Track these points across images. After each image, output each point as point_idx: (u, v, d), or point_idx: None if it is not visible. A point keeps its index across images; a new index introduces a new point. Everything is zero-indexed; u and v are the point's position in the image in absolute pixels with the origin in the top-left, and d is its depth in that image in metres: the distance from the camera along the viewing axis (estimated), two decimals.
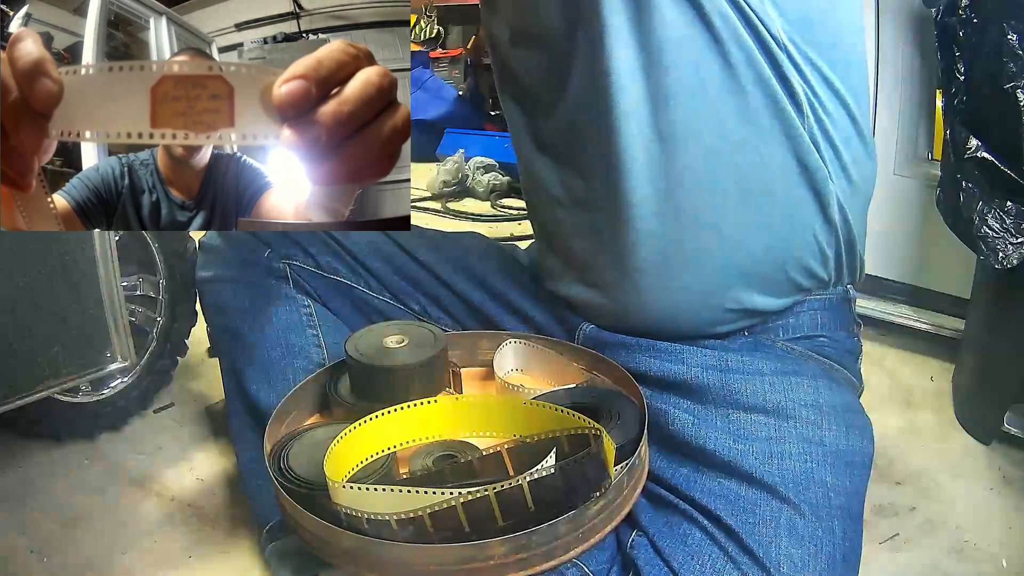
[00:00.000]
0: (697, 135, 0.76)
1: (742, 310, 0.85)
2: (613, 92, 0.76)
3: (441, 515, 0.58)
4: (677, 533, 0.72)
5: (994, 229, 1.05)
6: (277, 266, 1.03)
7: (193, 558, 1.02)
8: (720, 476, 0.75)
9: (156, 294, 1.28)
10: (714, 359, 0.84)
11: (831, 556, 0.71)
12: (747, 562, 0.69)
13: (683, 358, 0.85)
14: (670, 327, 0.86)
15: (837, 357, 0.88)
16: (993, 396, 1.23)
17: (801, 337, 0.87)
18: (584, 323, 0.93)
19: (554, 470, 0.60)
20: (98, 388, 1.23)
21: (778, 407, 0.79)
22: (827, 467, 0.75)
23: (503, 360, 0.89)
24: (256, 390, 0.99)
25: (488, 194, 2.45)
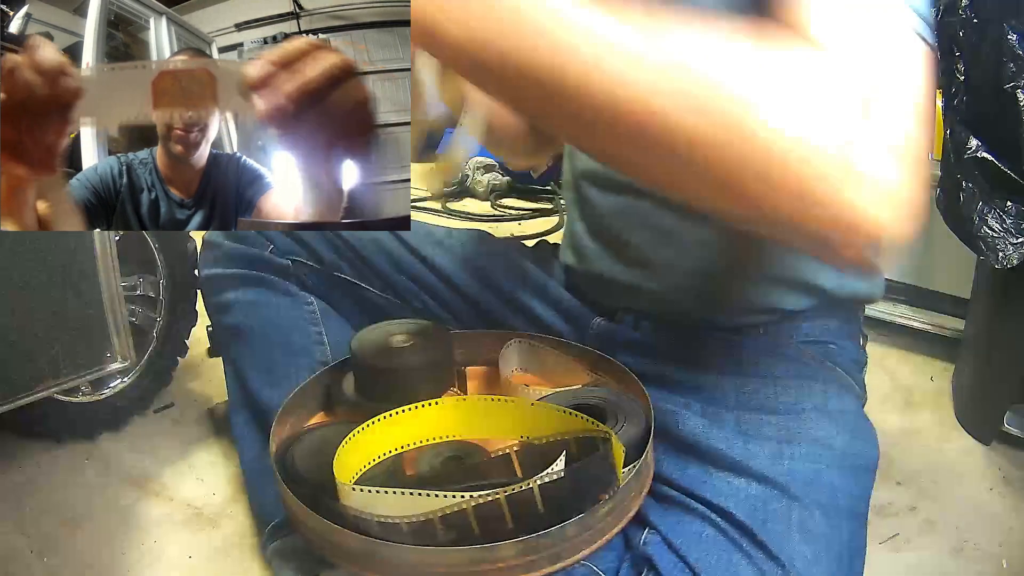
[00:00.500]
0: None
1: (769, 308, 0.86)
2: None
3: (451, 518, 0.58)
4: (690, 531, 0.73)
5: (994, 229, 1.05)
6: (280, 263, 1.02)
7: (193, 558, 1.02)
8: (730, 476, 0.75)
9: (156, 294, 1.28)
10: (728, 362, 0.84)
11: (839, 555, 0.72)
12: (761, 557, 0.69)
13: (696, 360, 0.85)
14: (701, 311, 0.87)
15: (844, 365, 0.89)
16: (993, 396, 1.24)
17: (811, 341, 0.87)
18: (596, 318, 0.93)
19: (564, 473, 0.60)
20: (98, 388, 1.22)
21: (789, 409, 0.80)
22: (835, 469, 0.76)
23: (508, 359, 0.89)
24: (259, 388, 0.98)
25: (488, 194, 2.45)
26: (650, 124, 0.50)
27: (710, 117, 0.49)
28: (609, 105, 0.50)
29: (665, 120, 0.50)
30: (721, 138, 0.50)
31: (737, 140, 0.50)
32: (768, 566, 0.69)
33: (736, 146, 0.50)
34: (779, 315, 0.87)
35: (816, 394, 0.82)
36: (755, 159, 0.50)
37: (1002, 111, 1.04)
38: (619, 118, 0.51)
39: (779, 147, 0.49)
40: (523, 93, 0.53)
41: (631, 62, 0.50)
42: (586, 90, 0.51)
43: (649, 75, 0.50)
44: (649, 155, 0.53)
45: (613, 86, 0.50)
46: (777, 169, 0.50)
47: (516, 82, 0.52)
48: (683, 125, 0.50)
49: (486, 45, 0.51)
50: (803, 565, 0.69)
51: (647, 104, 0.50)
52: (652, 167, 0.55)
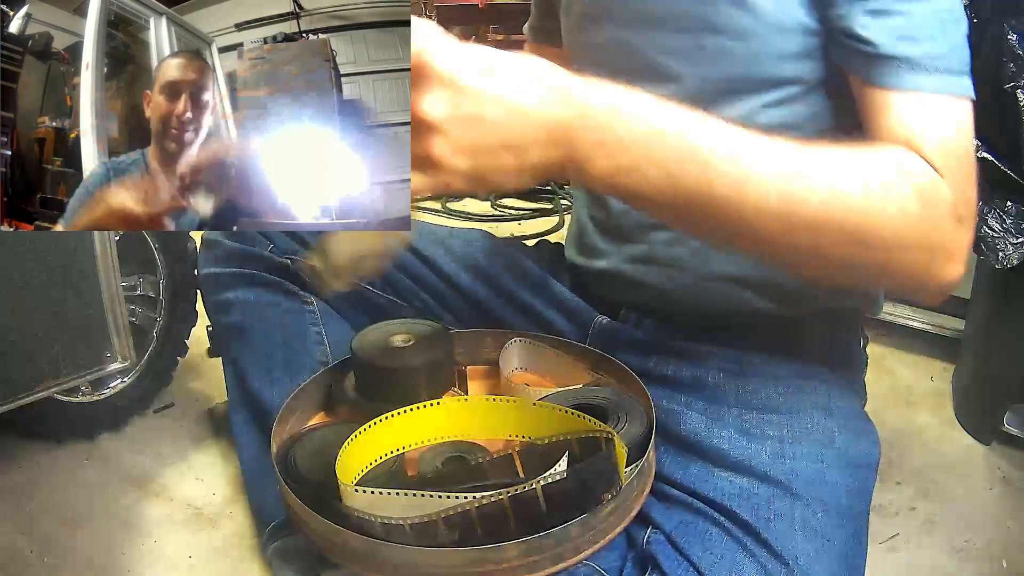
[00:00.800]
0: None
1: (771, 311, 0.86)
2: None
3: (454, 519, 0.58)
4: (694, 530, 0.73)
5: (994, 229, 1.05)
6: (279, 262, 1.02)
7: (193, 558, 1.01)
8: (732, 475, 0.76)
9: (156, 294, 1.28)
10: (730, 361, 0.84)
11: (842, 553, 0.72)
12: (765, 555, 0.70)
13: (698, 359, 0.85)
14: (706, 310, 0.87)
15: (845, 365, 0.89)
16: (993, 396, 1.24)
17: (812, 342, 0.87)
18: (598, 317, 0.93)
19: (567, 474, 0.60)
20: (98, 388, 1.22)
21: (790, 408, 0.80)
22: (836, 468, 0.76)
23: (509, 359, 0.89)
24: (259, 388, 0.98)
25: (488, 194, 2.45)
26: (807, 247, 0.63)
27: (860, 243, 0.63)
28: (767, 231, 0.61)
29: (819, 245, 0.63)
30: (858, 253, 0.63)
31: (868, 251, 0.63)
32: (772, 564, 0.69)
33: (865, 254, 0.64)
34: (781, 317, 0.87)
35: (817, 394, 0.82)
36: (876, 260, 0.65)
37: (1002, 111, 1.04)
38: (776, 243, 0.63)
39: (896, 248, 0.64)
40: (695, 222, 0.64)
41: (795, 199, 0.60)
42: (739, 217, 0.61)
43: (807, 210, 0.61)
44: (795, 257, 0.65)
45: (777, 218, 0.61)
46: (894, 265, 0.65)
47: (684, 212, 0.61)
48: (837, 249, 0.63)
49: (648, 178, 0.58)
50: (807, 563, 0.69)
51: (806, 234, 0.62)
52: (792, 264, 0.68)
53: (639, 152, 0.57)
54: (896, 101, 0.67)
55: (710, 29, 0.75)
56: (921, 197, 0.62)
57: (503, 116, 0.53)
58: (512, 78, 0.54)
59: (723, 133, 0.60)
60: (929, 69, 0.66)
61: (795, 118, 0.77)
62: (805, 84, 0.76)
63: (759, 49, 0.74)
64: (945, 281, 0.67)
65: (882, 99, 0.68)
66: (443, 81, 0.52)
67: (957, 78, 0.67)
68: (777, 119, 0.76)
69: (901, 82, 0.67)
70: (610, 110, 0.56)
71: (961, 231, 0.65)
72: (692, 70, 0.78)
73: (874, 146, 0.65)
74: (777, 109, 0.77)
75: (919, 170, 0.63)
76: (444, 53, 0.52)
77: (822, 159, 0.62)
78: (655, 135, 0.57)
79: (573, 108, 0.55)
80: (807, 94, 0.76)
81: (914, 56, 0.66)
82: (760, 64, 0.75)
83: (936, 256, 0.65)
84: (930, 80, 0.66)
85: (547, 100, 0.54)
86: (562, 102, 0.55)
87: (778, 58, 0.74)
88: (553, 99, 0.55)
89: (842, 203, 0.61)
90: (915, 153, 0.64)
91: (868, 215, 0.61)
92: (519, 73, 0.54)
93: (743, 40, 0.74)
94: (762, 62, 0.75)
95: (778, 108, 0.77)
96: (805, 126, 0.77)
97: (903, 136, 0.66)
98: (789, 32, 0.73)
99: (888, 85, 0.67)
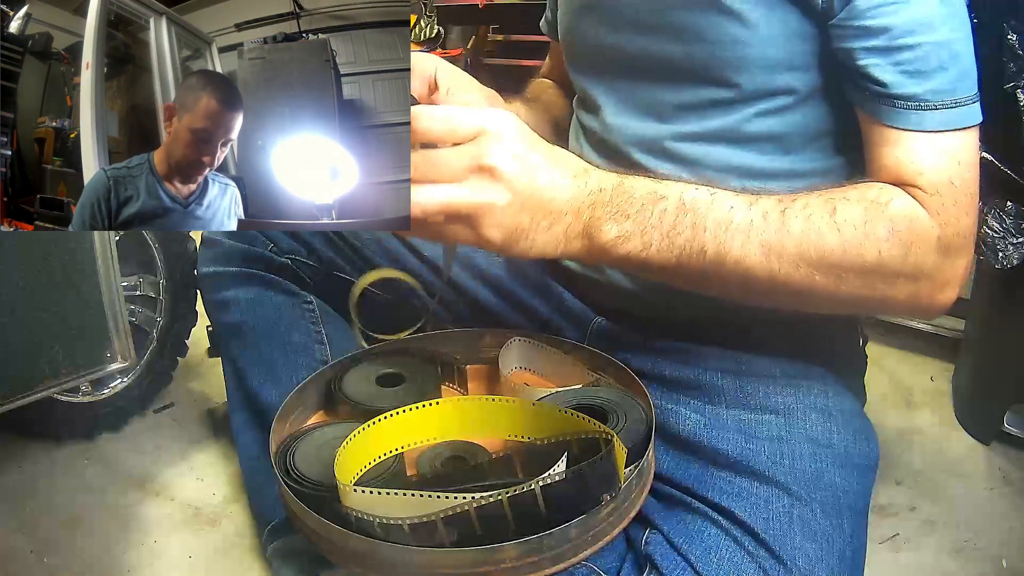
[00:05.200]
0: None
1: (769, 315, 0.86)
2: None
3: (454, 519, 0.58)
4: (692, 530, 0.73)
5: (994, 229, 1.05)
6: (279, 261, 1.02)
7: (193, 558, 1.02)
8: (731, 475, 0.76)
9: (156, 294, 1.28)
10: (729, 361, 0.84)
11: (842, 553, 0.72)
12: (764, 555, 0.70)
13: (697, 359, 0.85)
14: (701, 319, 0.87)
15: (844, 365, 0.89)
16: (993, 396, 1.24)
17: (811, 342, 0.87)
18: (597, 318, 0.93)
19: (566, 474, 0.60)
20: (98, 388, 1.22)
21: (788, 409, 0.80)
22: (836, 468, 0.76)
23: (508, 358, 0.89)
24: (258, 387, 0.98)
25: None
26: (809, 294, 0.68)
27: (842, 281, 0.67)
28: (754, 281, 0.67)
29: (801, 291, 0.68)
30: (842, 289, 0.67)
31: (851, 288, 0.67)
32: (771, 564, 0.69)
33: (849, 291, 0.68)
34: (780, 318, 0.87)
35: (816, 394, 0.82)
36: (862, 295, 0.68)
37: (1002, 111, 1.04)
38: (780, 294, 0.69)
39: (880, 282, 0.68)
40: (693, 280, 0.69)
41: (773, 251, 0.66)
42: (755, 282, 0.67)
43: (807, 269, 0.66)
44: (785, 301, 0.70)
45: (782, 279, 0.67)
46: (880, 297, 0.69)
47: (682, 271, 0.67)
48: (821, 289, 0.67)
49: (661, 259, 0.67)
50: (806, 563, 0.69)
51: (805, 283, 0.67)
52: (784, 305, 0.72)
53: (642, 218, 0.65)
54: (897, 138, 0.68)
55: (701, 39, 0.75)
56: (895, 237, 0.66)
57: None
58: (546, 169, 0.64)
59: (711, 197, 0.66)
60: (936, 106, 0.67)
61: (787, 127, 0.77)
62: (797, 94, 0.76)
63: (751, 59, 0.74)
64: (938, 306, 0.71)
65: (883, 133, 0.69)
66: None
67: (963, 109, 0.67)
68: (768, 128, 0.77)
69: (906, 122, 0.68)
70: (616, 181, 0.66)
71: (949, 260, 0.68)
72: (684, 78, 0.78)
73: (855, 187, 0.69)
74: (769, 118, 0.77)
75: (896, 208, 0.67)
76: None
77: (800, 211, 0.66)
78: (653, 199, 0.66)
79: (592, 184, 0.65)
80: (800, 104, 0.76)
81: (920, 94, 0.67)
82: (752, 74, 0.75)
83: (922, 287, 0.69)
84: (935, 117, 0.67)
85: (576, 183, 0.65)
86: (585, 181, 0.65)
87: (770, 68, 0.75)
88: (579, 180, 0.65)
89: (820, 249, 0.65)
90: (903, 188, 0.68)
91: (847, 256, 0.65)
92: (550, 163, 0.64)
93: (734, 50, 0.74)
94: (754, 72, 0.75)
95: (770, 117, 0.77)
96: (797, 135, 0.78)
97: (897, 170, 0.68)
98: (782, 43, 0.73)
99: (892, 125, 0.69)
